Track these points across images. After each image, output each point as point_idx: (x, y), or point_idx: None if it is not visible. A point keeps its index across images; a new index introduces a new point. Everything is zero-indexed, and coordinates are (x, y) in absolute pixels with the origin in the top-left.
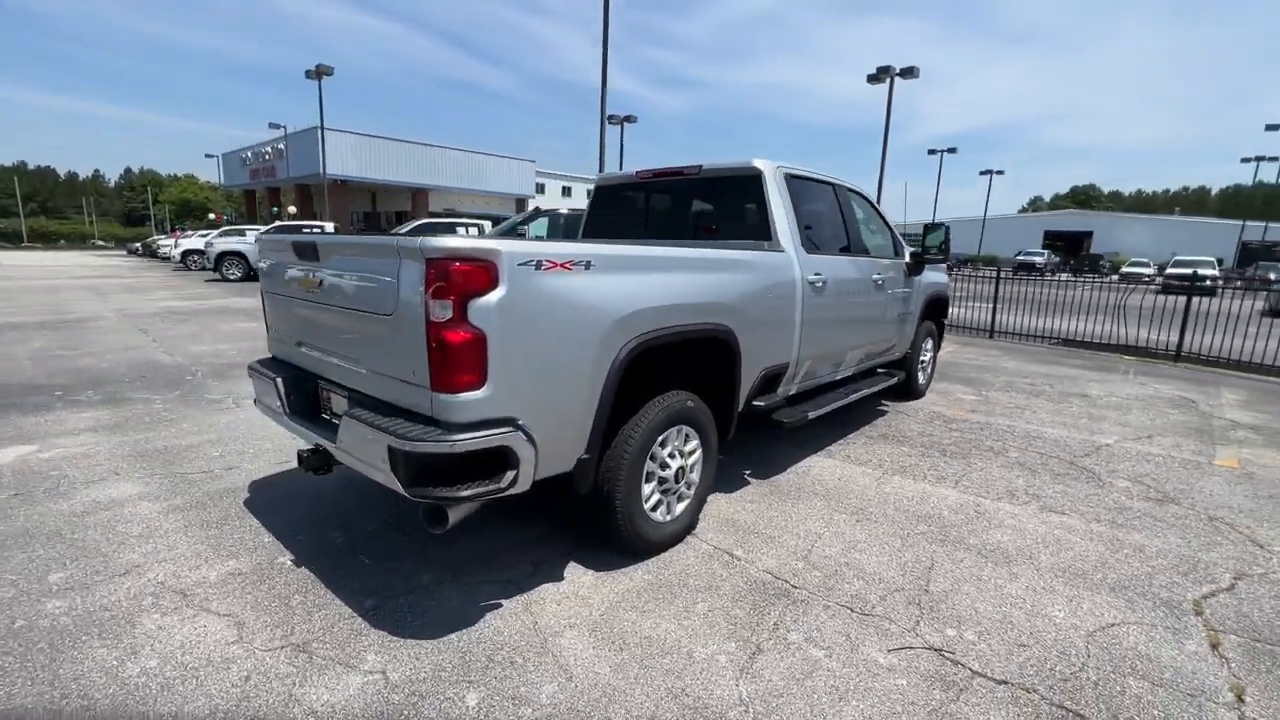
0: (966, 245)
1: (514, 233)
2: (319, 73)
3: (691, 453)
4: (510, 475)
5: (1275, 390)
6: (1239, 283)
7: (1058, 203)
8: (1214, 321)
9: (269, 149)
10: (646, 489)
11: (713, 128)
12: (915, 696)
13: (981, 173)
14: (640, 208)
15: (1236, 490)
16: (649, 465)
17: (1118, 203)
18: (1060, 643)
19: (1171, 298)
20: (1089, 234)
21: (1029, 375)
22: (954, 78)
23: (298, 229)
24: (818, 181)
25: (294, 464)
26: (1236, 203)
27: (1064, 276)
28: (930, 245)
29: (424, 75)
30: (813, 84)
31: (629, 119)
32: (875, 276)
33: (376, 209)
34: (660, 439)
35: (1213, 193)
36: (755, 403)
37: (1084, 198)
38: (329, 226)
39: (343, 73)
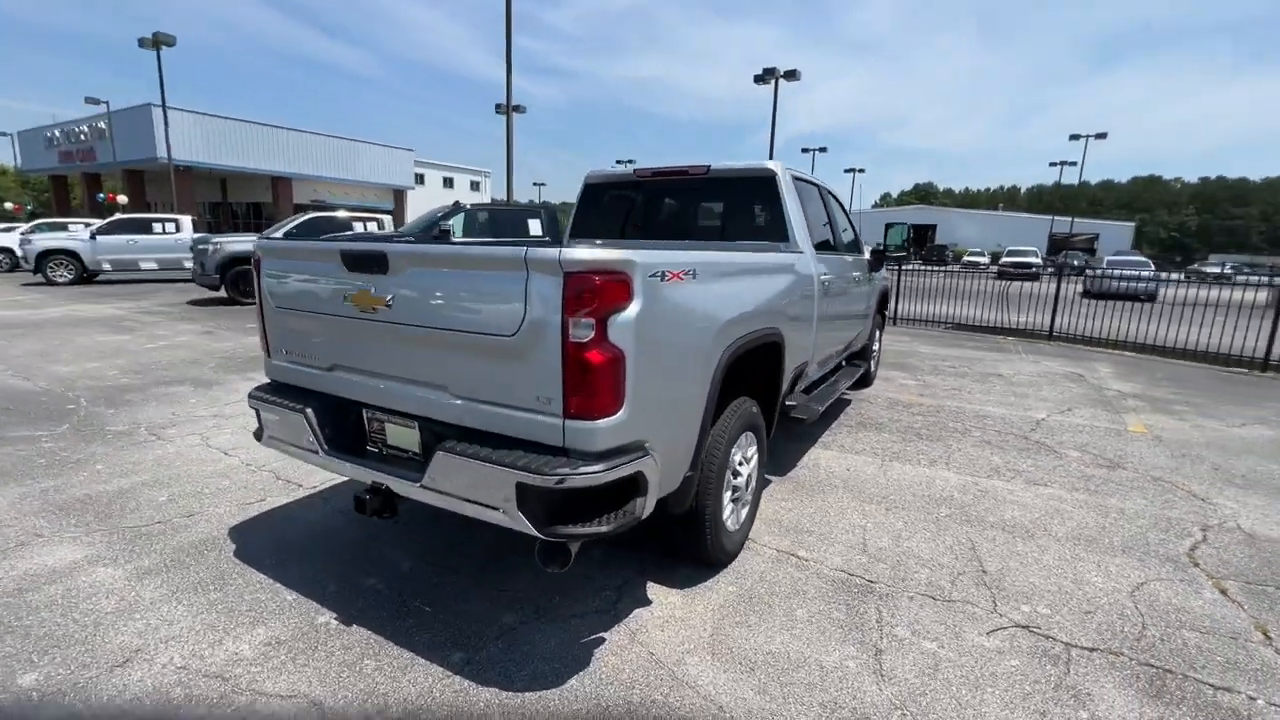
0: None
1: (435, 229)
2: (157, 42)
3: (752, 459)
4: (640, 502)
5: (1131, 363)
6: (1052, 269)
7: (904, 198)
8: (1041, 302)
9: (86, 128)
10: (725, 499)
11: (584, 119)
12: (1035, 675)
13: (846, 170)
14: (639, 207)
15: (1157, 452)
16: (727, 475)
17: (952, 199)
18: (1115, 606)
19: (1015, 283)
20: (933, 227)
21: (946, 359)
22: (808, 81)
23: (145, 223)
24: (809, 183)
25: (270, 503)
26: (1040, 199)
27: (917, 265)
28: (891, 244)
29: (278, 55)
30: (679, 80)
31: (518, 109)
32: (855, 274)
33: (227, 199)
34: (734, 447)
35: (1022, 191)
36: (787, 402)
37: (925, 194)
38: (185, 221)
39: (181, 47)
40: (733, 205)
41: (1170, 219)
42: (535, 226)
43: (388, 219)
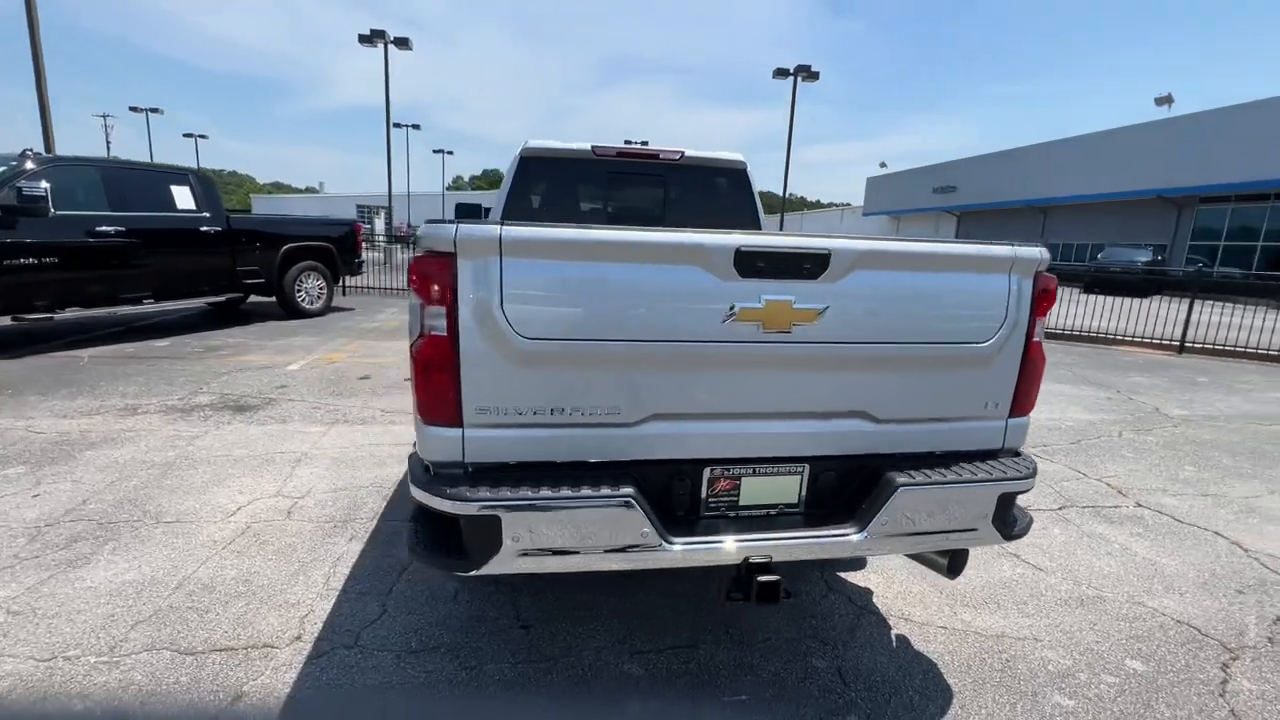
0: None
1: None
2: None
3: None
4: None
5: None
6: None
7: (476, 183)
8: None
9: None
10: None
11: None
12: None
13: (435, 151)
14: (599, 188)
15: None
16: None
17: None
18: None
19: None
20: None
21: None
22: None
23: None
24: None
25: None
26: None
27: None
28: None
29: None
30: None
31: None
32: None
33: None
34: None
35: None
36: None
37: (496, 179)
38: None
39: None
40: (709, 194)
41: None
42: (184, 197)
43: None
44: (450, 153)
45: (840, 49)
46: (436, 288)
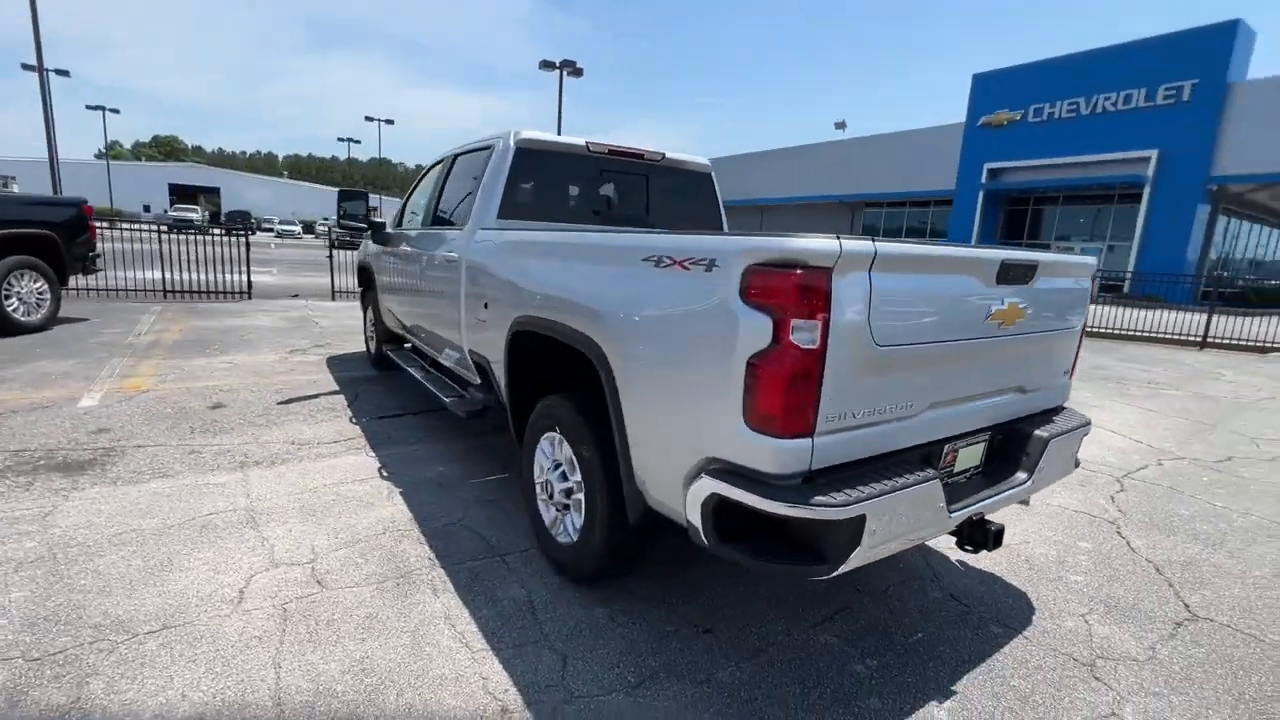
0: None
1: None
2: None
3: None
4: None
5: None
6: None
7: (146, 150)
8: None
9: None
10: None
11: None
12: None
13: (90, 107)
14: (591, 186)
15: None
16: None
17: (206, 157)
18: None
19: None
20: (217, 190)
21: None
22: None
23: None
24: None
25: None
26: (298, 168)
27: (217, 233)
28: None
29: None
30: None
31: None
32: None
33: None
34: None
35: (280, 157)
36: None
37: (172, 148)
38: None
39: None
40: (682, 197)
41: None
42: None
43: None
44: (115, 111)
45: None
46: (810, 300)
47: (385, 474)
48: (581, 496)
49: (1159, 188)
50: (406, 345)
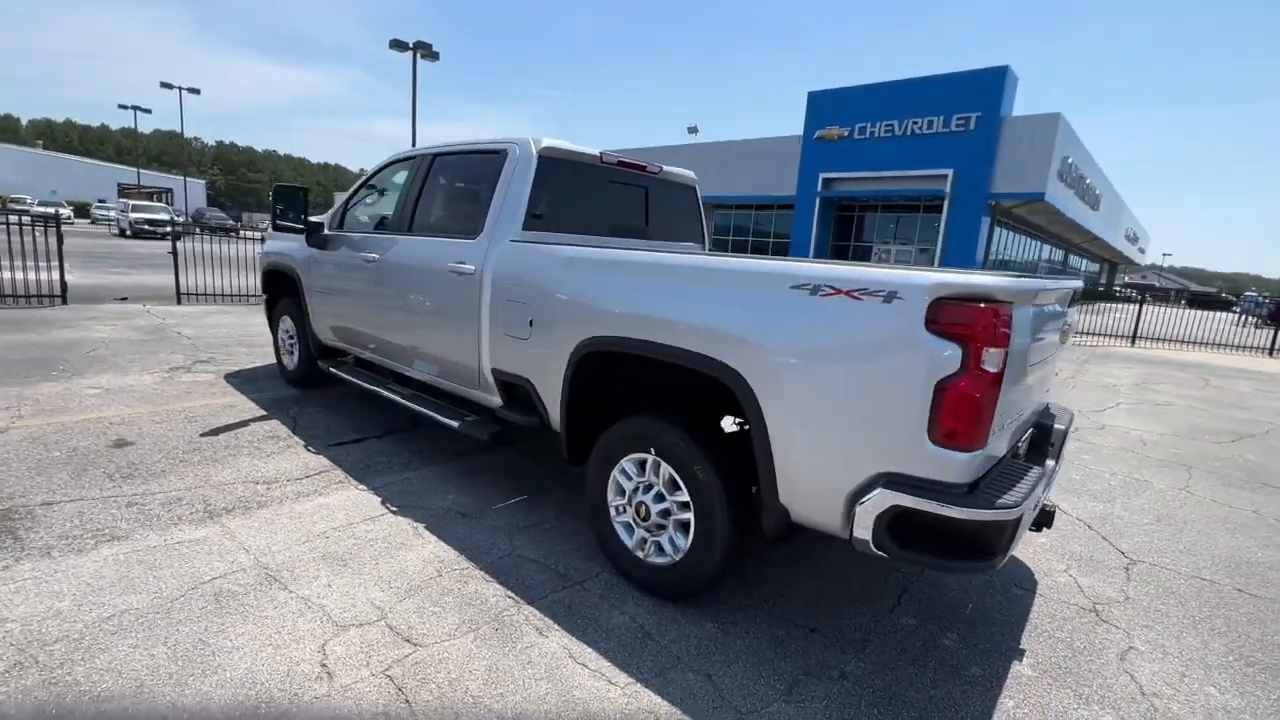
0: None
1: None
2: None
3: None
4: None
5: None
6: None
7: None
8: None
9: None
10: None
11: None
12: None
13: None
14: (601, 197)
15: None
16: None
17: None
18: None
19: None
20: None
21: None
22: None
23: None
24: None
25: None
26: (53, 136)
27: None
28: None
29: None
30: None
31: None
32: None
33: None
34: None
35: (23, 122)
36: None
37: None
38: None
39: None
40: (671, 207)
41: (203, 177)
42: None
43: None
44: None
45: (396, 20)
46: (999, 331)
47: (394, 508)
48: (690, 516)
49: (955, 201)
50: (346, 359)
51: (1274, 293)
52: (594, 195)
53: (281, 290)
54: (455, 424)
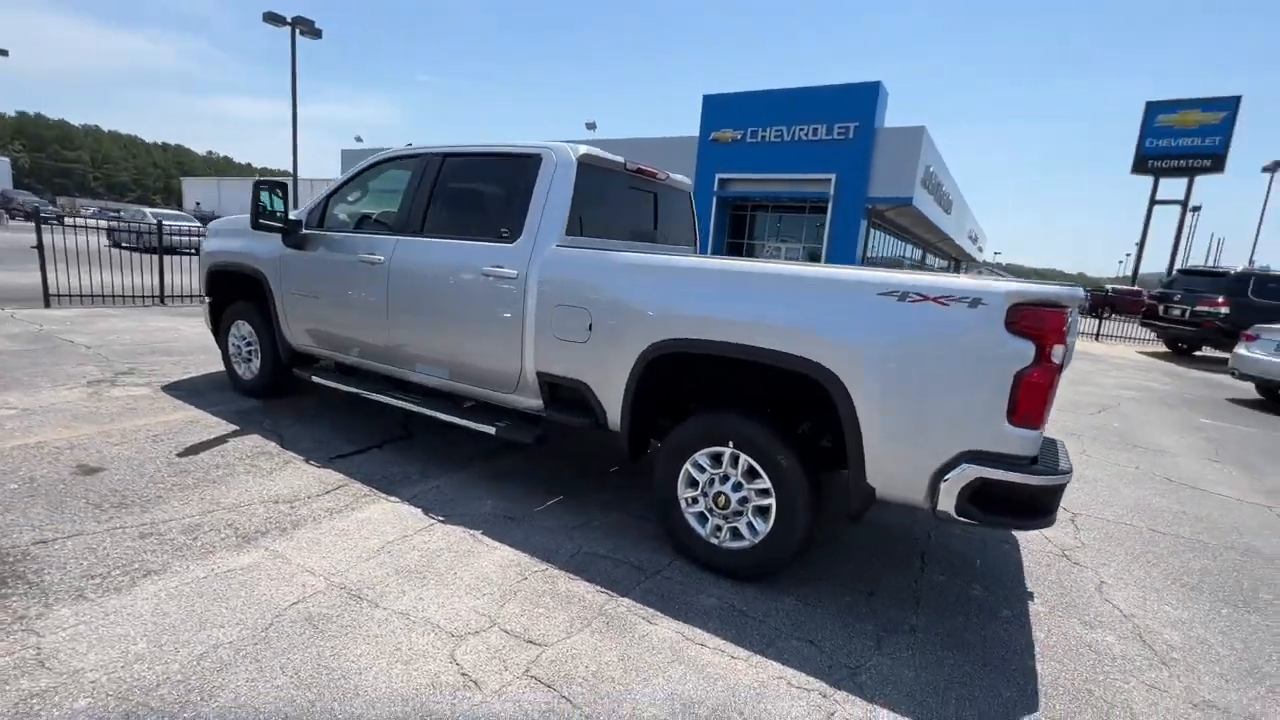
0: None
1: None
2: None
3: None
4: None
5: None
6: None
7: None
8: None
9: None
10: None
11: None
12: None
13: None
14: (622, 202)
15: None
16: None
17: None
18: None
19: None
20: None
21: None
22: None
23: None
24: None
25: None
26: None
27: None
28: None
29: None
30: None
31: None
32: None
33: None
34: None
35: None
36: None
37: None
38: None
39: None
40: (674, 212)
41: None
42: None
43: None
44: None
45: None
46: (1062, 330)
47: (439, 518)
48: (770, 501)
49: (838, 204)
50: (324, 365)
51: (1088, 287)
52: (616, 201)
53: (235, 293)
54: (492, 429)
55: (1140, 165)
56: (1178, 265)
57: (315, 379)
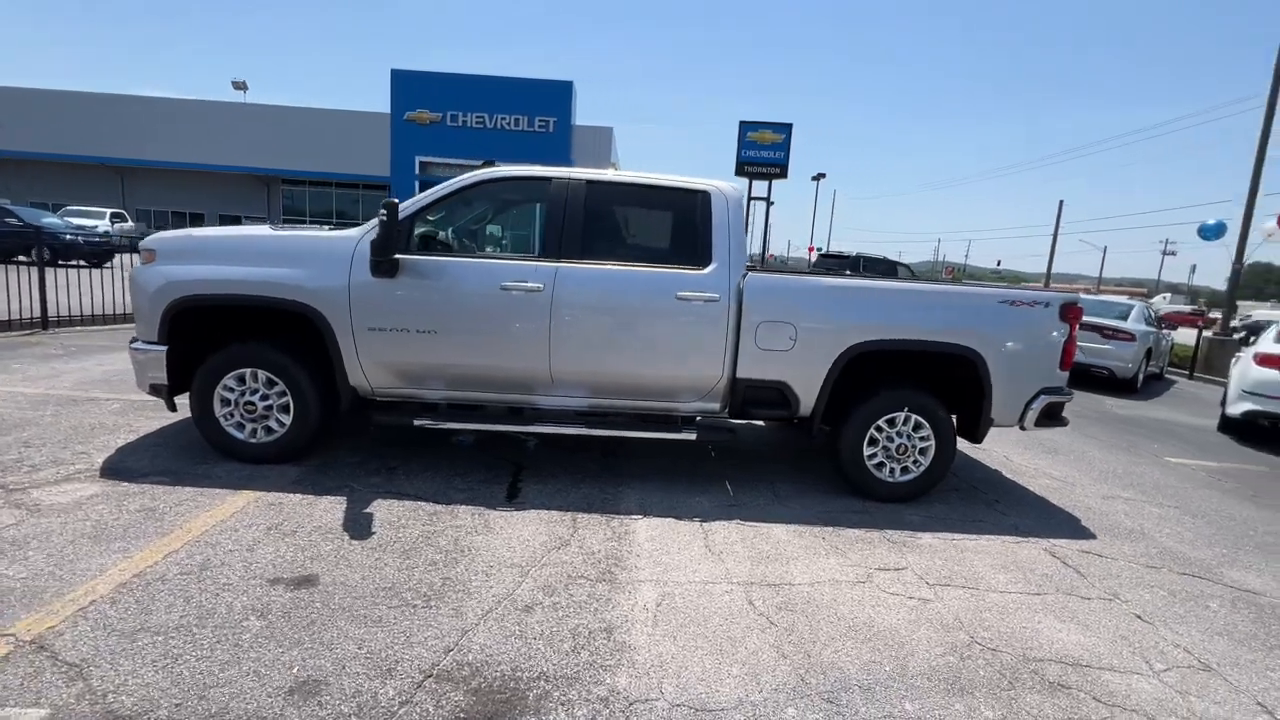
0: None
1: None
2: None
3: None
4: None
5: None
6: None
7: None
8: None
9: None
10: None
11: None
12: None
13: None
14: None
15: None
16: None
17: None
18: None
19: None
20: None
21: None
22: None
23: None
24: None
25: None
26: None
27: None
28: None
29: None
30: None
31: None
32: None
33: None
34: None
35: None
36: None
37: None
38: None
39: None
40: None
41: None
42: None
43: None
44: None
45: None
46: (1081, 318)
47: (749, 522)
48: (931, 444)
49: None
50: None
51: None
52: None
53: (227, 334)
54: (694, 434)
55: (740, 169)
56: (762, 251)
57: (418, 423)
